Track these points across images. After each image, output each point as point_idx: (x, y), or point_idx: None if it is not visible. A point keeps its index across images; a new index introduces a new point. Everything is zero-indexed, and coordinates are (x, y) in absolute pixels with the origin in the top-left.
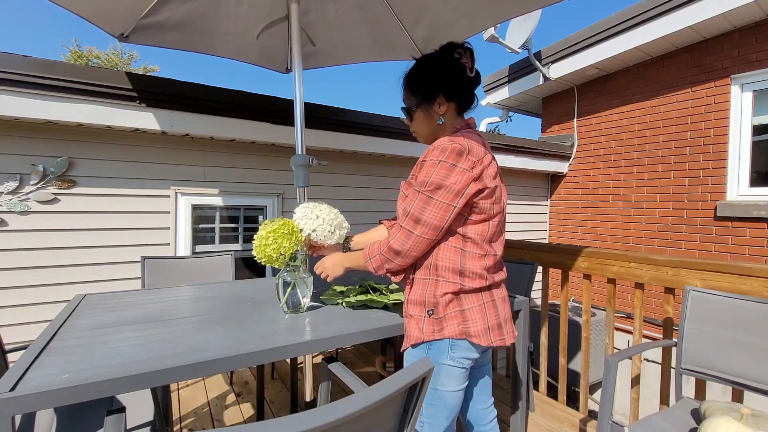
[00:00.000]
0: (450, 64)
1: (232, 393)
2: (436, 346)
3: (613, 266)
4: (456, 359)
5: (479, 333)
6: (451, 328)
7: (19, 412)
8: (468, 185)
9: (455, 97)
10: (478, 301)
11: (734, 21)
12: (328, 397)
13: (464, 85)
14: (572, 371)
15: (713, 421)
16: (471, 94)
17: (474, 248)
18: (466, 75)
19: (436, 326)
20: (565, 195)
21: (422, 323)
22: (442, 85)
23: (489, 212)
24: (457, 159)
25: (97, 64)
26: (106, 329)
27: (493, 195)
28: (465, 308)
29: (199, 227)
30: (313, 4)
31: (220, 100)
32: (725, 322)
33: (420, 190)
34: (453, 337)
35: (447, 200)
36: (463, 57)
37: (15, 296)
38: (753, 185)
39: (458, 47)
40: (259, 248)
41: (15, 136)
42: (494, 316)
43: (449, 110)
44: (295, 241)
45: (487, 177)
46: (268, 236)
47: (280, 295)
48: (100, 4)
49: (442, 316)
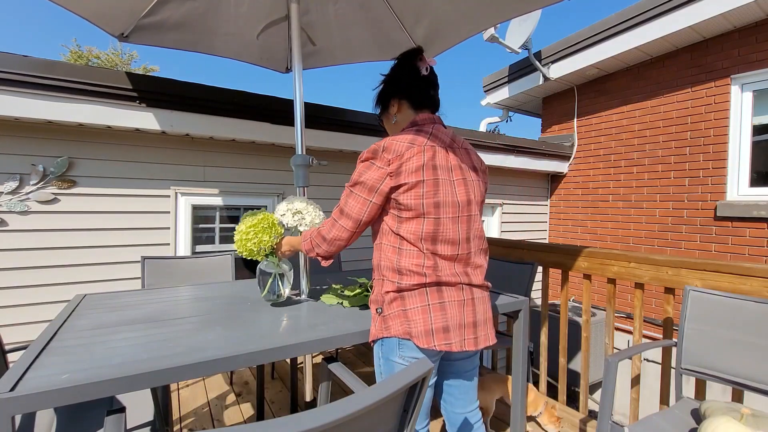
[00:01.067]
0: (399, 69)
1: (232, 393)
2: (386, 343)
3: (613, 266)
4: (406, 358)
5: (420, 334)
6: (395, 327)
7: (19, 412)
8: (381, 181)
9: (404, 95)
10: (421, 302)
11: (734, 21)
12: (328, 397)
13: (412, 82)
14: (572, 371)
15: (713, 421)
16: (422, 90)
17: (409, 246)
18: (417, 75)
19: (383, 324)
20: (565, 195)
21: (375, 321)
22: (392, 89)
23: (418, 209)
24: (372, 157)
25: (97, 64)
26: (106, 329)
27: (416, 190)
28: (407, 308)
29: (199, 227)
30: (313, 4)
31: (220, 100)
32: (725, 322)
33: (346, 185)
34: (399, 336)
35: (363, 195)
36: (414, 60)
37: (15, 296)
38: (753, 185)
39: (410, 55)
40: (240, 242)
41: (15, 136)
42: (441, 318)
43: (401, 108)
44: (275, 234)
45: (406, 172)
46: (248, 231)
47: (261, 286)
48: (100, 4)
49: (387, 315)
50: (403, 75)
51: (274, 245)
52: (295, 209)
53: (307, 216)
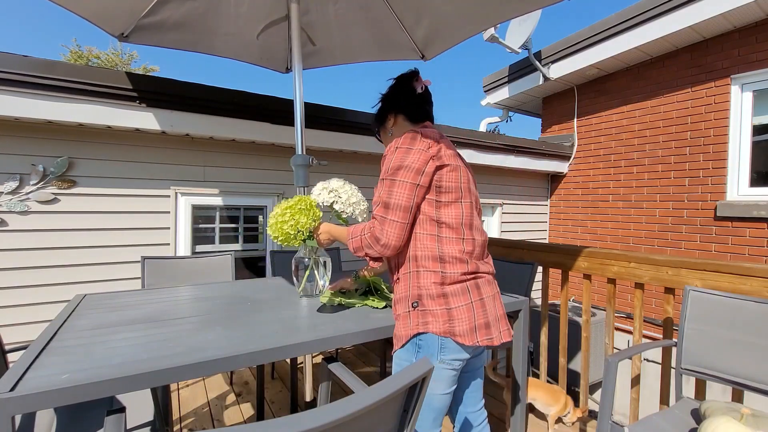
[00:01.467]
0: (396, 87)
1: (232, 393)
2: (425, 343)
3: (613, 266)
4: (446, 361)
5: (464, 332)
6: (435, 324)
7: (19, 412)
8: (427, 162)
9: (400, 109)
10: (465, 300)
11: (734, 21)
12: (328, 397)
13: (409, 98)
14: (572, 371)
15: (713, 421)
16: (418, 106)
17: (450, 233)
18: (411, 91)
19: (420, 318)
20: (565, 195)
21: (408, 319)
22: (388, 105)
23: (457, 192)
24: (412, 142)
25: (97, 64)
26: (106, 329)
27: (455, 173)
28: (452, 307)
29: (199, 227)
30: (313, 4)
31: (220, 100)
32: (725, 322)
33: (384, 177)
34: (438, 334)
35: (409, 179)
36: (410, 80)
37: (15, 296)
38: (753, 185)
39: (407, 77)
40: (275, 226)
41: (15, 136)
42: (482, 315)
43: (397, 122)
44: (313, 218)
45: (445, 155)
46: (284, 212)
47: (297, 279)
48: (100, 4)
49: (427, 310)
50: (399, 92)
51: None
52: (331, 188)
53: (344, 194)
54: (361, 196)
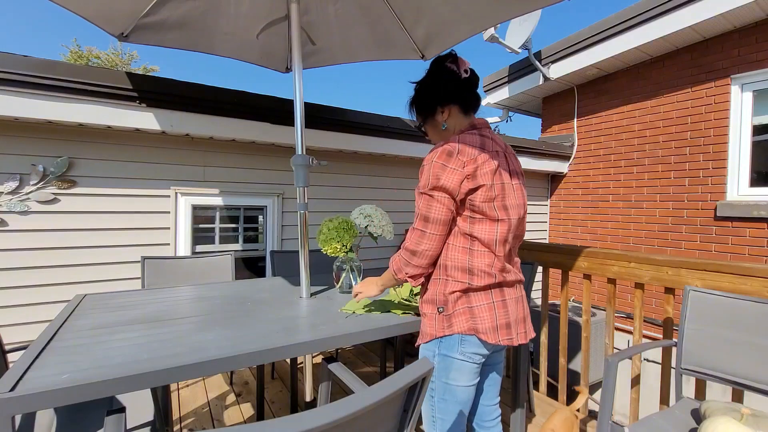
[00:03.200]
0: (439, 76)
1: (232, 393)
2: (446, 340)
3: (613, 266)
4: (466, 354)
5: (487, 330)
6: (459, 324)
7: (19, 412)
8: (461, 183)
9: (451, 101)
10: (486, 300)
11: (734, 21)
12: (328, 397)
13: (457, 88)
14: (572, 371)
15: (713, 421)
16: (469, 93)
17: (482, 247)
18: (458, 79)
19: (445, 323)
20: (565, 195)
21: (434, 320)
22: (436, 96)
23: (491, 213)
24: (448, 159)
25: (97, 64)
26: (106, 329)
27: (490, 193)
28: (473, 305)
29: (199, 227)
30: (313, 4)
31: (220, 100)
32: (725, 322)
33: (423, 191)
34: (462, 333)
35: (445, 197)
36: (451, 64)
37: (15, 296)
38: (753, 185)
39: (444, 59)
40: (325, 242)
41: (15, 136)
42: (503, 315)
43: (451, 114)
44: (352, 235)
45: (482, 175)
46: (331, 232)
47: (337, 279)
48: (100, 3)
49: (451, 313)
50: (445, 81)
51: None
52: (366, 213)
53: (375, 219)
54: (389, 219)
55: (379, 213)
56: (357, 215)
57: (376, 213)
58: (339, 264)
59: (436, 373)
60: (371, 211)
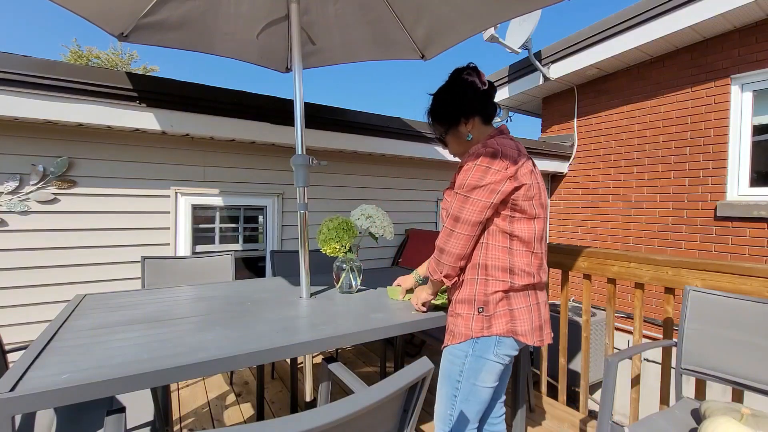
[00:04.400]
0: (461, 88)
1: (232, 393)
2: (482, 341)
3: (613, 266)
4: (500, 355)
5: (526, 332)
6: (499, 325)
7: (19, 412)
8: (504, 183)
9: (475, 112)
10: (525, 303)
11: (734, 21)
12: (328, 397)
13: (479, 99)
14: (572, 371)
15: (713, 421)
16: (489, 104)
17: (521, 246)
18: (478, 90)
19: (485, 323)
20: (566, 195)
21: (471, 321)
22: (460, 108)
23: (531, 211)
24: (492, 161)
25: (97, 64)
26: (106, 329)
27: (530, 192)
28: (514, 308)
29: (199, 227)
30: (313, 4)
31: (220, 100)
32: (725, 322)
33: (459, 192)
34: (500, 335)
35: (483, 197)
36: (470, 76)
37: (15, 296)
38: (753, 185)
39: (463, 70)
40: (324, 242)
41: (15, 136)
42: (538, 318)
43: (475, 125)
44: (352, 235)
45: (522, 175)
46: (330, 232)
47: (337, 279)
48: (100, 3)
49: (492, 314)
50: (468, 93)
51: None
52: (367, 214)
53: (377, 219)
54: (389, 219)
55: (380, 213)
56: (358, 215)
57: (377, 213)
58: (339, 264)
59: (464, 374)
60: (372, 211)
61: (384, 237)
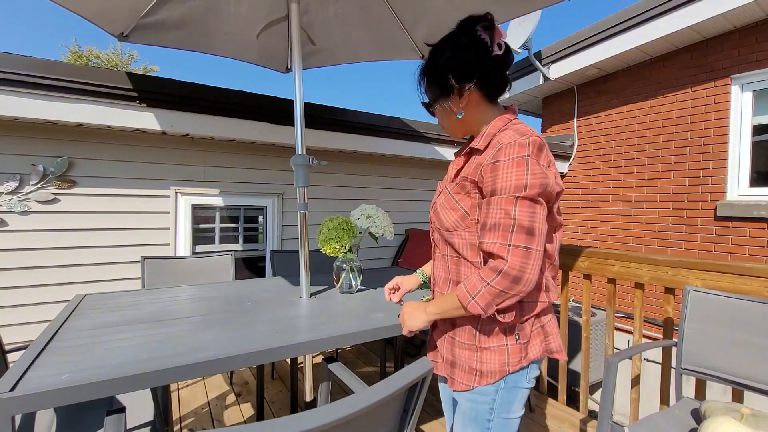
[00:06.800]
0: (464, 46)
1: (232, 393)
2: (516, 372)
3: (614, 266)
4: (531, 379)
5: (560, 348)
6: (535, 349)
7: (19, 412)
8: (555, 184)
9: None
10: (551, 312)
11: (734, 21)
12: (328, 397)
13: (485, 67)
14: (572, 371)
15: (713, 421)
16: (498, 76)
17: (548, 260)
18: (487, 54)
19: (522, 353)
20: (565, 195)
21: (506, 354)
22: (457, 73)
23: (558, 219)
24: (539, 154)
25: (97, 64)
26: (106, 329)
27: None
28: (545, 323)
29: (199, 227)
30: (313, 4)
31: (220, 100)
32: (725, 322)
33: (523, 195)
34: (537, 358)
35: (544, 202)
36: (484, 32)
37: (15, 296)
38: (753, 185)
39: (478, 21)
40: (324, 242)
41: (15, 136)
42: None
43: (471, 101)
44: (352, 235)
45: (557, 176)
46: (330, 232)
47: (337, 279)
48: (100, 3)
49: (528, 340)
50: (473, 54)
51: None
52: (367, 214)
53: (377, 220)
54: (389, 219)
55: (380, 213)
56: (358, 216)
57: (378, 213)
58: (339, 264)
59: (495, 412)
60: (372, 211)
61: (384, 237)
